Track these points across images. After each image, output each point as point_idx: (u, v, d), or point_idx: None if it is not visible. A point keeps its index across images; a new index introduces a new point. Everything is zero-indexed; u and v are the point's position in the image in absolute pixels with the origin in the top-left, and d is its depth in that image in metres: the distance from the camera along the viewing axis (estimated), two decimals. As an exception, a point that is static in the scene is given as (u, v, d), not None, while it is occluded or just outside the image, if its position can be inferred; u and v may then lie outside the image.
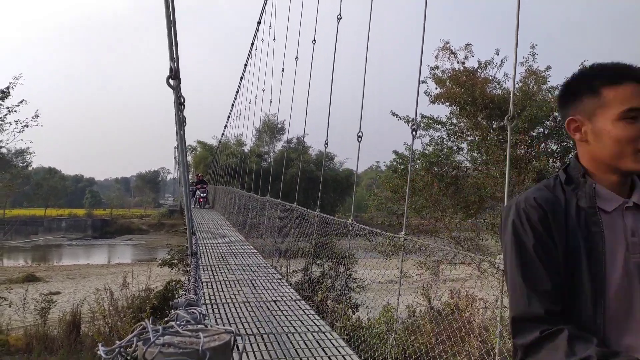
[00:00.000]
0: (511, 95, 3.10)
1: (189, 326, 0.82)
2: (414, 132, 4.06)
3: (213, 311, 5.29)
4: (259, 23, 13.56)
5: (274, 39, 11.32)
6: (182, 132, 4.26)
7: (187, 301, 1.26)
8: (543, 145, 10.53)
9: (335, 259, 8.40)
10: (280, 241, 9.14)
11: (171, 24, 4.04)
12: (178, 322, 0.83)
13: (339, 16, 6.47)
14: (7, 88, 14.07)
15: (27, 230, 46.65)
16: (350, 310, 8.86)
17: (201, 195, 22.37)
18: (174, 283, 9.55)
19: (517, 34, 2.76)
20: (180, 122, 4.00)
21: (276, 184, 11.28)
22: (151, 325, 0.77)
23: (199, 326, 0.83)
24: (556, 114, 10.10)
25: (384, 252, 9.80)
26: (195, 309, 1.02)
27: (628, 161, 1.10)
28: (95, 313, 10.23)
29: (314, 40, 7.72)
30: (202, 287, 4.96)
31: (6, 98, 14.07)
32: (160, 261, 13.44)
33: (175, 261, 12.60)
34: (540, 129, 10.38)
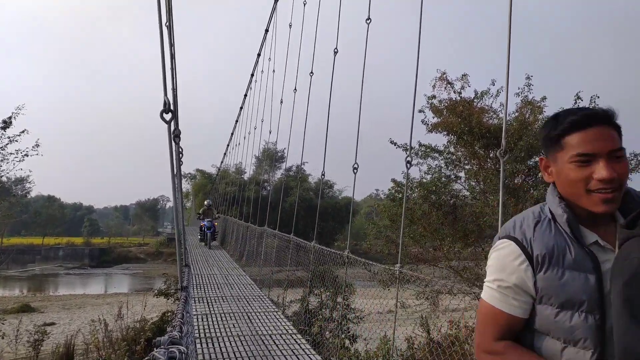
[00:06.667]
0: (503, 132, 3.14)
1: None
2: (408, 165, 4.09)
3: (207, 346, 5.19)
4: (258, 55, 13.84)
5: (274, 70, 11.53)
6: (178, 164, 4.25)
7: (169, 339, 1.25)
8: (540, 174, 10.56)
9: (333, 288, 8.29)
10: (278, 270, 9.05)
11: (171, 55, 4.09)
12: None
13: (336, 50, 6.63)
14: (10, 118, 14.23)
15: (24, 259, 46.24)
16: (348, 341, 8.71)
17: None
18: (169, 314, 9.41)
19: (508, 76, 2.82)
20: (177, 155, 4.00)
21: (275, 213, 11.27)
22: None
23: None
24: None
25: (382, 281, 9.70)
26: (175, 348, 1.00)
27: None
28: (89, 345, 10.04)
29: (311, 72, 7.88)
30: (193, 321, 4.89)
31: (8, 128, 14.20)
32: (156, 291, 13.27)
33: (172, 291, 12.43)
34: (537, 158, 10.43)
